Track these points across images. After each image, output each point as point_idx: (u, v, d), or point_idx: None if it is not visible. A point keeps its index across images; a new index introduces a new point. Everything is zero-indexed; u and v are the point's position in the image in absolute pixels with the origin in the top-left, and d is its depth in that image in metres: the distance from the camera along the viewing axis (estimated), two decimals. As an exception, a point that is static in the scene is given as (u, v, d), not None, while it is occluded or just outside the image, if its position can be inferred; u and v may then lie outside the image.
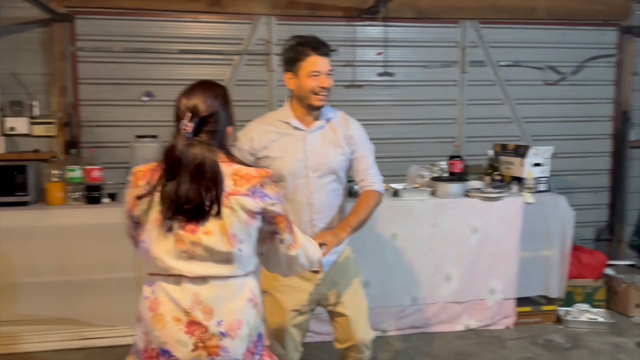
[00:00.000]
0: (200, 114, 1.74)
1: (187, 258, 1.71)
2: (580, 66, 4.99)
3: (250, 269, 1.80)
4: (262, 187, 1.73)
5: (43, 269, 3.60)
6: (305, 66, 2.37)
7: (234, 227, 1.69)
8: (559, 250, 4.11)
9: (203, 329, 1.69)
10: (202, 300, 1.70)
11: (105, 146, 4.28)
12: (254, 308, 1.79)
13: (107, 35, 4.26)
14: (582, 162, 5.13)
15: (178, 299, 1.70)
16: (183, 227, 1.69)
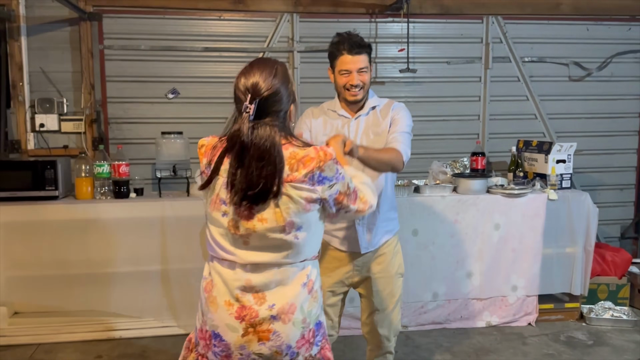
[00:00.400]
0: (261, 94, 1.64)
1: (242, 244, 1.67)
2: (606, 62, 4.93)
3: (308, 256, 1.74)
4: (320, 170, 1.64)
5: (71, 261, 3.71)
6: (338, 64, 2.52)
7: (291, 214, 1.63)
8: (583, 248, 4.08)
9: (254, 314, 1.66)
10: (255, 285, 1.67)
11: (132, 142, 4.38)
12: (309, 293, 1.72)
13: (133, 34, 4.34)
14: (608, 159, 5.07)
15: (231, 283, 1.68)
16: (239, 213, 1.64)
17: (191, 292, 3.81)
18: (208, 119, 4.47)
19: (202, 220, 3.76)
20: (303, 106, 4.48)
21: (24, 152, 4.21)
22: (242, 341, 1.66)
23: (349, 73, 2.49)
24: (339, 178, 1.70)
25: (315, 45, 4.54)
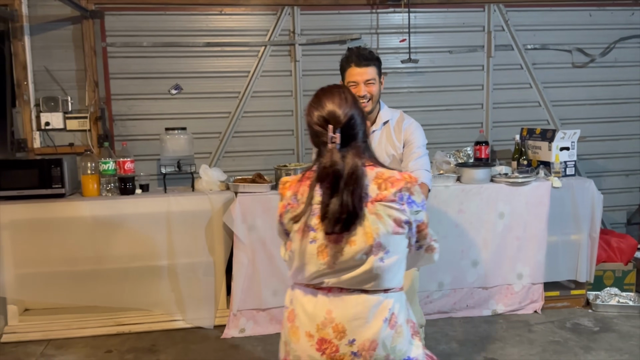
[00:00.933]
0: (341, 122, 1.68)
1: (328, 269, 1.67)
2: (609, 47, 4.90)
3: (392, 286, 1.71)
4: (409, 192, 1.68)
5: (79, 258, 3.76)
6: (346, 76, 2.63)
7: (380, 234, 1.63)
8: (588, 234, 4.08)
9: (334, 348, 1.64)
10: (335, 317, 1.66)
11: (137, 139, 4.41)
12: (392, 329, 1.67)
13: (135, 31, 4.36)
14: (613, 145, 5.05)
15: (312, 314, 1.68)
16: (328, 239, 1.65)
17: (199, 285, 3.86)
18: (211, 114, 4.49)
19: (208, 215, 3.81)
20: (305, 99, 4.54)
21: (31, 150, 4.25)
22: None
23: (357, 85, 2.58)
24: (423, 207, 1.73)
25: (316, 37, 4.54)
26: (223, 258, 3.89)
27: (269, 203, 3.78)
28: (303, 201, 1.71)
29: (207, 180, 3.95)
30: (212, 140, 4.53)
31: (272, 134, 4.57)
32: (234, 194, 3.85)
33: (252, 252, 3.78)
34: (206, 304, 3.89)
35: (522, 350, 3.49)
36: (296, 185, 1.76)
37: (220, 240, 3.87)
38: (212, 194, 3.87)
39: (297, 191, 1.74)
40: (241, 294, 3.79)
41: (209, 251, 3.86)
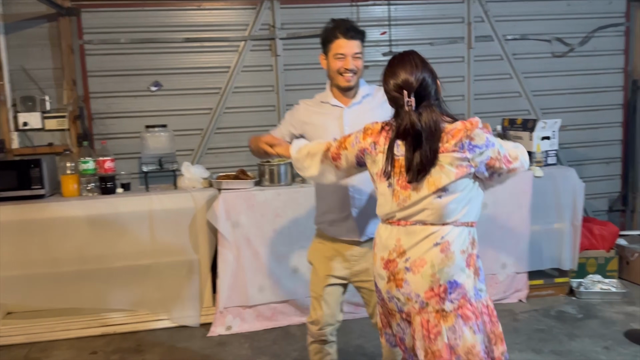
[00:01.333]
0: (414, 87, 1.89)
1: (399, 209, 1.97)
2: (588, 36, 4.94)
3: (452, 219, 1.92)
4: (469, 139, 1.85)
5: (61, 259, 3.70)
6: (333, 48, 2.48)
7: (442, 181, 1.88)
8: (570, 223, 4.12)
9: (394, 265, 1.98)
10: (402, 244, 1.97)
11: (117, 137, 4.36)
12: (442, 252, 1.91)
13: (113, 27, 4.30)
14: (593, 134, 5.10)
15: (385, 243, 2.01)
16: (400, 185, 1.96)
17: (183, 284, 3.83)
18: (192, 110, 4.45)
19: (191, 213, 3.78)
20: (287, 94, 4.52)
21: (9, 151, 4.18)
22: (387, 287, 2.01)
23: (344, 57, 2.47)
24: (489, 145, 1.89)
25: (297, 31, 4.52)
26: (208, 256, 3.86)
27: (253, 199, 3.76)
28: (381, 150, 2.01)
29: (190, 177, 3.92)
30: (194, 137, 4.49)
31: (254, 130, 4.50)
32: (217, 190, 3.83)
33: (237, 249, 3.76)
34: (191, 302, 3.86)
35: (507, 340, 3.46)
36: (376, 135, 2.04)
37: (205, 238, 3.84)
38: (195, 192, 3.84)
39: (377, 141, 2.03)
40: (227, 291, 3.78)
41: (193, 249, 3.83)
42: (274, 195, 3.77)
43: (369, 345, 3.50)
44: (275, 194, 3.78)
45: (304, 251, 3.71)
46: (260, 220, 3.78)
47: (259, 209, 3.78)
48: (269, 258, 3.79)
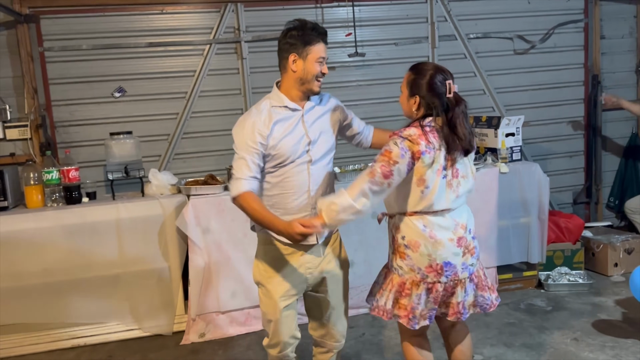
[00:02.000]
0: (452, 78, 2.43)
1: (454, 196, 2.35)
2: (548, 33, 5.04)
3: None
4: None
5: (26, 272, 3.61)
6: (315, 51, 2.37)
7: (473, 168, 2.45)
8: (537, 217, 4.19)
9: (465, 240, 2.38)
10: (459, 221, 2.38)
11: (81, 145, 4.28)
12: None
13: (74, 34, 4.22)
14: (557, 128, 5.21)
15: (447, 226, 2.35)
16: (452, 174, 2.32)
17: (154, 293, 3.78)
18: (158, 115, 4.40)
19: (160, 220, 3.74)
20: (255, 97, 4.49)
21: (-31, 163, 4.07)
22: (463, 259, 2.37)
23: (323, 62, 2.41)
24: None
25: (262, 34, 4.50)
26: (178, 263, 3.82)
27: (223, 204, 3.73)
28: (438, 148, 2.27)
29: (157, 184, 3.87)
30: (161, 142, 4.44)
31: (222, 134, 4.50)
32: (186, 197, 3.79)
33: (208, 255, 3.73)
34: (163, 310, 3.82)
35: (479, 334, 3.56)
36: (422, 136, 2.26)
37: (175, 245, 3.80)
38: (163, 199, 3.79)
39: (428, 140, 2.26)
40: (199, 298, 3.74)
41: (163, 257, 3.78)
42: (243, 199, 3.74)
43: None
44: (244, 198, 3.76)
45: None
46: (231, 225, 3.75)
47: (230, 213, 3.74)
48: (241, 263, 3.77)
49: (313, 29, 2.40)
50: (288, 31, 2.41)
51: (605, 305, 3.88)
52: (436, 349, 3.12)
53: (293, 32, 2.39)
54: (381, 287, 2.52)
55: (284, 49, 2.41)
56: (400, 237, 2.39)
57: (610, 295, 4.03)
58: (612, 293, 4.07)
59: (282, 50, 2.42)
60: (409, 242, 2.37)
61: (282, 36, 2.42)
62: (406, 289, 2.39)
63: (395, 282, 2.43)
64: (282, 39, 2.42)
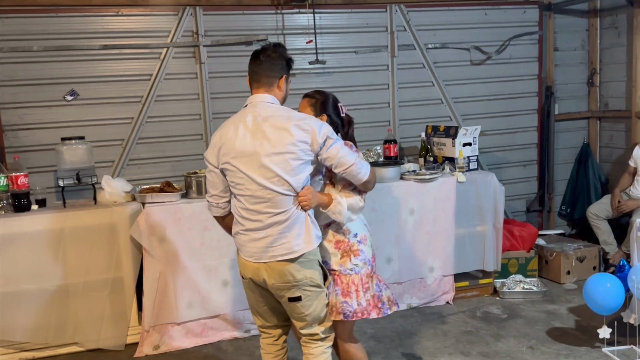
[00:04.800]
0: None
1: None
2: (504, 45, 5.15)
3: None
4: None
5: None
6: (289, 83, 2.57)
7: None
8: (492, 225, 4.26)
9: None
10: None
11: (30, 150, 4.12)
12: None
13: (24, 34, 4.06)
14: (511, 138, 5.32)
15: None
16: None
17: (105, 304, 3.65)
18: (112, 120, 4.27)
19: (113, 229, 3.62)
20: (213, 102, 4.42)
21: None
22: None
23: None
24: None
25: (222, 38, 4.44)
26: (132, 273, 3.70)
27: (180, 212, 3.65)
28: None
29: (111, 191, 3.74)
30: (114, 147, 4.31)
31: (179, 139, 4.42)
32: (141, 205, 3.68)
33: (164, 264, 3.63)
34: (115, 323, 3.69)
35: (437, 343, 3.59)
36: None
37: (128, 255, 3.68)
38: (116, 207, 3.67)
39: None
40: (154, 308, 3.64)
41: (116, 267, 3.66)
42: (201, 207, 3.66)
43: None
44: (203, 206, 3.66)
45: (233, 263, 3.67)
46: (187, 234, 3.67)
47: (186, 222, 3.67)
48: (198, 272, 3.69)
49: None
50: (284, 54, 2.51)
51: (558, 313, 3.97)
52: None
53: (286, 55, 2.51)
54: (344, 294, 2.56)
55: (284, 72, 2.50)
56: (352, 235, 2.59)
57: (564, 303, 4.13)
58: (565, 301, 4.17)
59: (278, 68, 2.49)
60: (361, 237, 2.61)
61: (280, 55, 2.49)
62: (365, 284, 2.58)
63: (357, 281, 2.57)
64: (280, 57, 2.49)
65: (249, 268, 2.45)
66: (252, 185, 2.33)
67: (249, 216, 2.39)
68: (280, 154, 2.30)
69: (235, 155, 2.35)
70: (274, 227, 2.35)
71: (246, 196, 2.36)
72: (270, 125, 2.33)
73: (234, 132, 2.37)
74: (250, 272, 2.45)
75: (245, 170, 2.33)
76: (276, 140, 2.31)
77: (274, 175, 2.30)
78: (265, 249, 2.37)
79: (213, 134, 2.52)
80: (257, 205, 2.36)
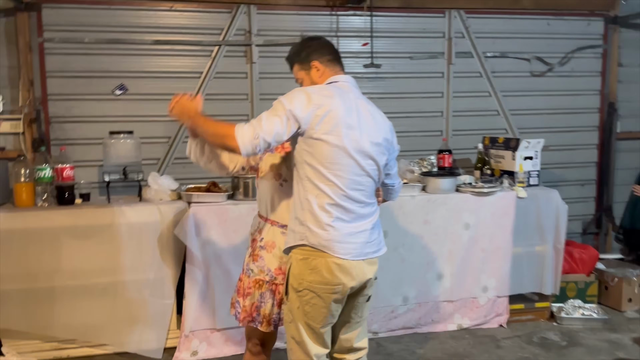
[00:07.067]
0: None
1: None
2: (567, 57, 4.90)
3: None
4: None
5: (9, 276, 3.32)
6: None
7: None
8: (552, 246, 4.01)
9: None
10: None
11: (76, 143, 4.04)
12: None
13: (76, 25, 4.00)
14: (569, 155, 5.05)
15: None
16: None
17: (146, 306, 3.51)
18: (160, 117, 4.15)
19: (157, 227, 3.49)
20: (262, 103, 4.29)
21: (-45, 155, 3.81)
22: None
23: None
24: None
25: (274, 38, 4.31)
26: (174, 274, 3.55)
27: (226, 214, 3.51)
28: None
29: (157, 189, 3.62)
30: (161, 145, 4.21)
31: (225, 140, 4.29)
32: (186, 204, 3.55)
33: (207, 267, 3.49)
34: (154, 325, 3.54)
35: (492, 368, 3.35)
36: None
37: (171, 255, 3.54)
38: (162, 204, 3.55)
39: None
40: (194, 313, 3.49)
41: (157, 267, 3.53)
42: (248, 210, 3.50)
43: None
44: (249, 209, 3.50)
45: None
46: (232, 236, 3.52)
47: (232, 224, 3.52)
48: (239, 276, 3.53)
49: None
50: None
51: (622, 343, 3.69)
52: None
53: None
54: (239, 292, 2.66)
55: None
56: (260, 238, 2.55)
57: (626, 332, 3.84)
58: (628, 330, 3.88)
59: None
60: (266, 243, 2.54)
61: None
62: (248, 289, 2.58)
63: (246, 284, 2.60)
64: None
65: (348, 270, 2.17)
66: (355, 169, 2.17)
67: (347, 204, 2.17)
68: (378, 144, 2.24)
69: (341, 132, 2.13)
70: (370, 219, 2.25)
71: (346, 179, 2.15)
72: (371, 111, 2.30)
73: (343, 107, 2.16)
74: (350, 276, 2.17)
75: (351, 151, 2.15)
76: (379, 128, 2.27)
77: (374, 163, 2.22)
78: (365, 244, 2.22)
79: (304, 92, 2.19)
80: (356, 192, 2.19)
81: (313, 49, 2.37)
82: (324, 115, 2.11)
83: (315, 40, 2.45)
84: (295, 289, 2.21)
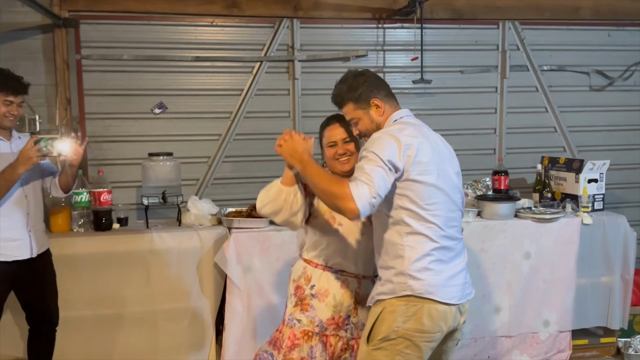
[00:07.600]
0: None
1: None
2: (629, 70, 4.58)
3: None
4: None
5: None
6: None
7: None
8: (620, 276, 3.70)
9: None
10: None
11: (114, 164, 3.90)
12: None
13: (115, 42, 3.87)
14: (631, 175, 4.71)
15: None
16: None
17: (183, 335, 3.34)
18: (199, 136, 4.01)
19: (197, 254, 3.31)
20: (305, 121, 4.10)
21: (-9, 176, 3.70)
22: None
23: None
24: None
25: (317, 53, 4.12)
26: (213, 304, 3.38)
27: (268, 241, 3.32)
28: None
29: (197, 213, 3.46)
30: (200, 165, 4.05)
31: (267, 159, 4.07)
32: (227, 229, 3.37)
33: (248, 297, 3.30)
34: (192, 356, 3.36)
35: (558, 413, 3.06)
36: None
37: (211, 283, 3.37)
38: (202, 230, 3.38)
39: None
40: (234, 346, 3.31)
41: (196, 296, 3.35)
42: (291, 237, 3.31)
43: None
44: (292, 235, 3.32)
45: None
46: (275, 265, 3.32)
47: (274, 252, 3.33)
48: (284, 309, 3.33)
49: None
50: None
51: (702, 386, 3.35)
52: None
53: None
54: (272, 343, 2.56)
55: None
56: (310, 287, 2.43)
57: None
58: None
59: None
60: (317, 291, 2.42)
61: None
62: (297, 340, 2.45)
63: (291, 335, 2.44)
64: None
65: (448, 315, 2.05)
66: (449, 205, 2.05)
67: (447, 243, 2.04)
68: (458, 173, 2.18)
69: (434, 170, 2.02)
70: (463, 256, 2.13)
71: (443, 217, 2.02)
72: (442, 140, 2.22)
73: (427, 143, 2.06)
74: (448, 321, 2.07)
75: (444, 187, 2.03)
76: (452, 156, 2.22)
77: (460, 195, 2.10)
78: (464, 285, 2.10)
79: (390, 136, 2.03)
80: (452, 230, 2.06)
81: (369, 85, 2.19)
82: (415, 155, 1.99)
83: (366, 75, 2.24)
84: (386, 337, 2.01)
